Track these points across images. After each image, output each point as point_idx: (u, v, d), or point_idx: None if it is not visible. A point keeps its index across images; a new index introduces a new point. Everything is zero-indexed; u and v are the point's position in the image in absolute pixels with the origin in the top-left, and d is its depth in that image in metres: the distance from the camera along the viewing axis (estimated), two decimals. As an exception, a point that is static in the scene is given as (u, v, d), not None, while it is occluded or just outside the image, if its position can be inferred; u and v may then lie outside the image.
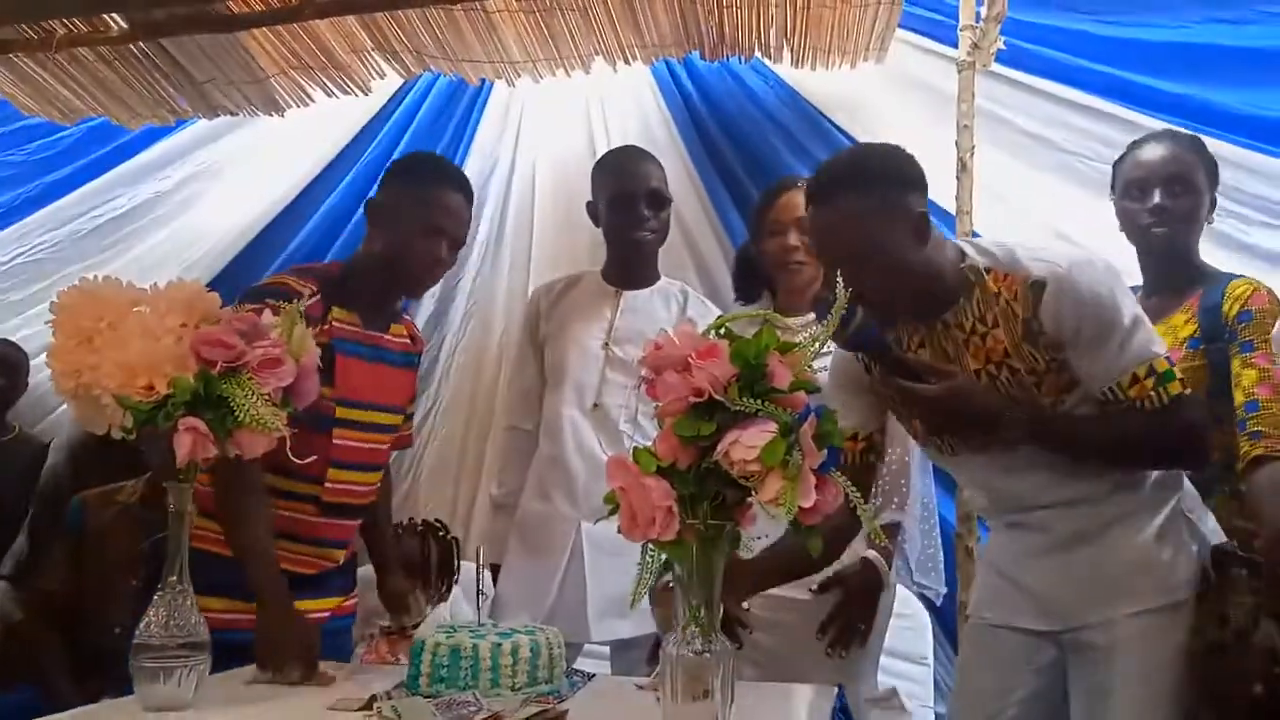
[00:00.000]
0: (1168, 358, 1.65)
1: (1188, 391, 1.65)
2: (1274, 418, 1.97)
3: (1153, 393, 1.61)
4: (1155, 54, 2.91)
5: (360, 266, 2.17)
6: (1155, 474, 1.72)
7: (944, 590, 2.71)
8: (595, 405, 2.51)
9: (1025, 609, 1.79)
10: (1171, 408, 1.61)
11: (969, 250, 1.73)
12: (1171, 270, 2.22)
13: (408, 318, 2.38)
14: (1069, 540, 1.72)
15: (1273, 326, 2.04)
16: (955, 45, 2.82)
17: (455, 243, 2.17)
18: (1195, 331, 2.12)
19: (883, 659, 2.33)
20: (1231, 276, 2.18)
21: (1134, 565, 1.68)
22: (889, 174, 1.68)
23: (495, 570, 2.54)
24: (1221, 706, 1.65)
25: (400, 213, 2.11)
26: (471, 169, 3.70)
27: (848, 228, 1.64)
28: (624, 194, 2.54)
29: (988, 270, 1.69)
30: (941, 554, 2.68)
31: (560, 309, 2.64)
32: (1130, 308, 1.65)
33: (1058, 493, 1.71)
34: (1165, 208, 2.17)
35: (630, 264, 2.61)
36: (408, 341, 2.25)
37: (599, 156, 2.70)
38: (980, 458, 1.74)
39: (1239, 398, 2.02)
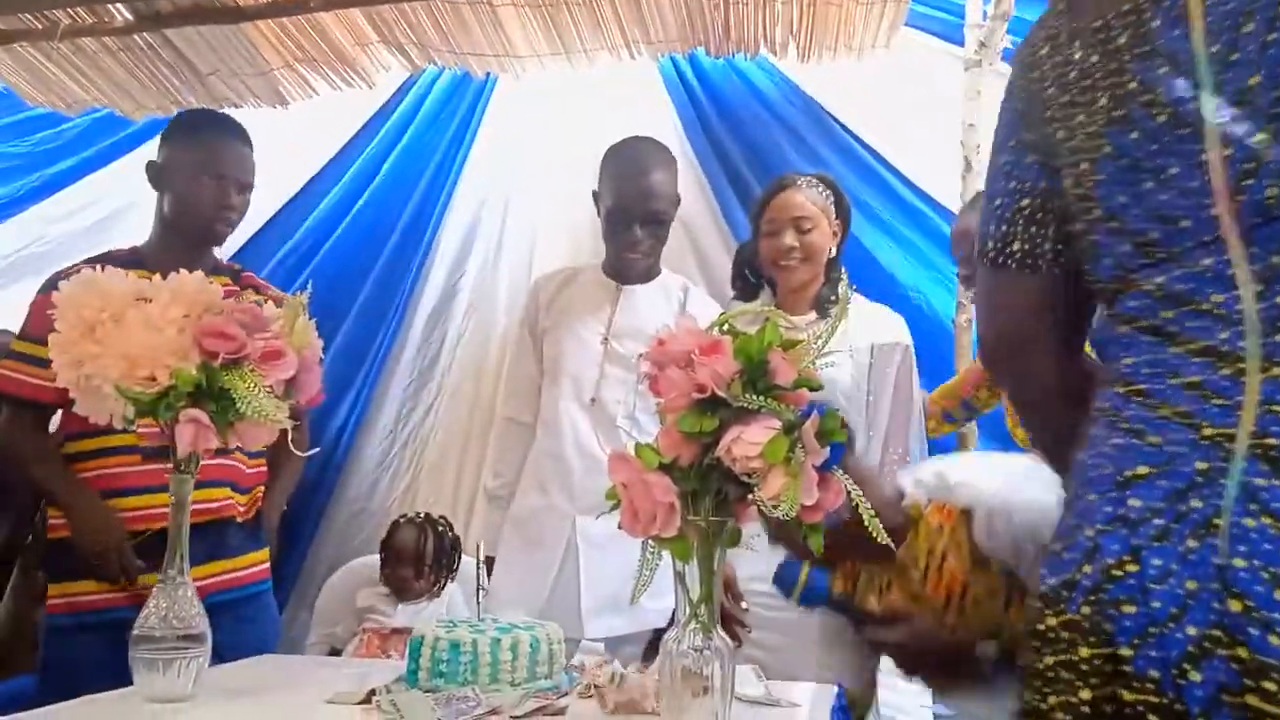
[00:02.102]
0: None
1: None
2: None
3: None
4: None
5: (156, 233, 2.33)
6: None
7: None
8: (593, 400, 2.49)
9: None
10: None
11: (905, 487, 1.67)
12: None
13: (234, 264, 2.49)
14: None
15: None
16: (962, 43, 2.81)
17: (241, 186, 2.30)
18: None
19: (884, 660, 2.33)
20: None
21: None
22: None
23: (491, 563, 2.53)
24: None
25: (182, 167, 2.27)
26: (475, 162, 3.71)
27: None
28: (622, 208, 2.49)
29: (927, 504, 1.63)
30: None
31: (560, 301, 2.62)
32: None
33: None
34: None
35: (624, 268, 2.59)
36: (234, 288, 2.25)
37: (613, 144, 2.62)
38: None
39: None
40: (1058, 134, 1.11)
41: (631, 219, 2.49)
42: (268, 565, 2.32)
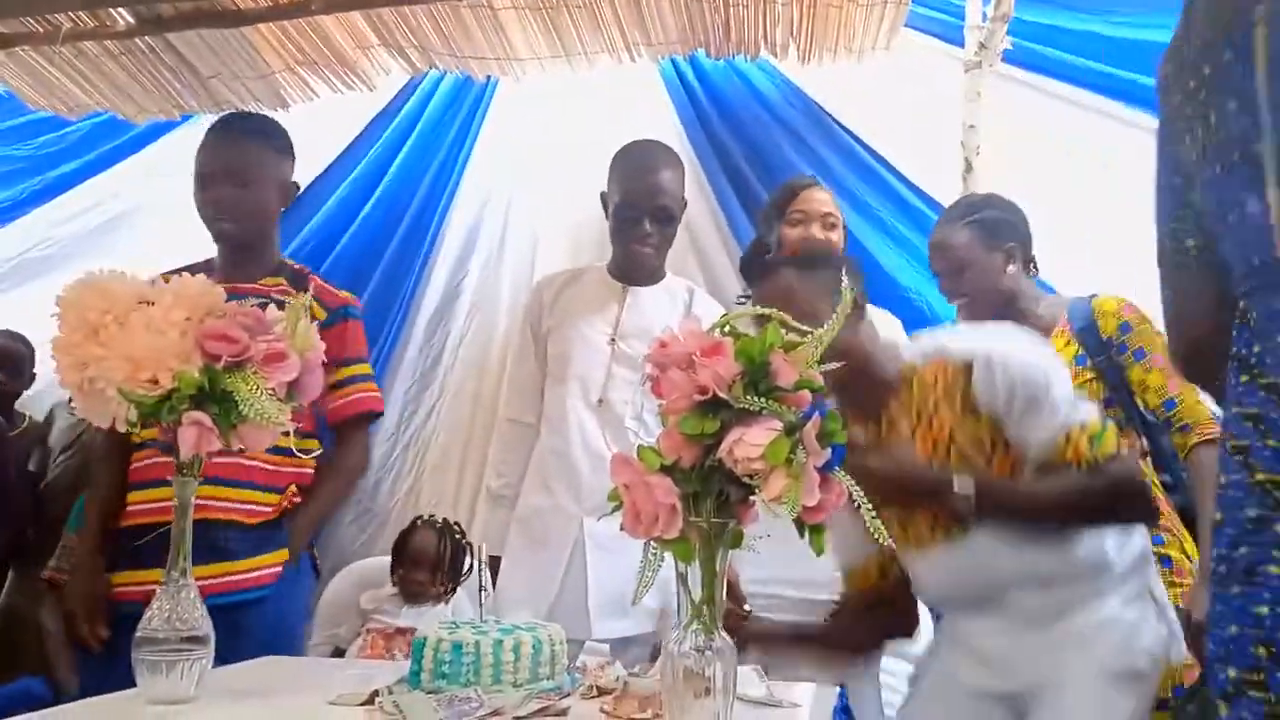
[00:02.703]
0: (1101, 419, 1.69)
1: (1123, 450, 1.69)
2: (1192, 406, 2.09)
3: (1087, 452, 1.64)
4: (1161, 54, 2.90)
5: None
6: (1124, 556, 1.73)
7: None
8: (600, 401, 2.50)
9: (974, 666, 1.79)
10: (1104, 465, 1.64)
11: (902, 351, 1.82)
12: None
13: (300, 266, 2.49)
14: (1030, 616, 1.73)
15: (1152, 330, 2.14)
16: (962, 45, 2.82)
17: (236, 180, 2.30)
18: (1079, 350, 2.22)
19: (883, 659, 2.33)
20: (1083, 297, 2.28)
21: (1094, 624, 1.69)
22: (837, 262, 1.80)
23: (495, 562, 2.54)
24: None
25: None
26: (477, 164, 3.71)
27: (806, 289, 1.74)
28: (631, 204, 2.52)
29: (924, 363, 1.76)
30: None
31: (564, 301, 2.62)
32: (1056, 376, 1.69)
33: (1022, 570, 1.71)
34: None
35: (632, 268, 2.60)
36: (286, 288, 2.26)
37: (624, 145, 2.64)
38: (945, 551, 1.75)
39: (1153, 400, 2.13)
40: (1189, 148, 1.11)
41: (640, 213, 2.50)
42: (277, 570, 2.19)
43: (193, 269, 2.05)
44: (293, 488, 2.26)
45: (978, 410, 1.68)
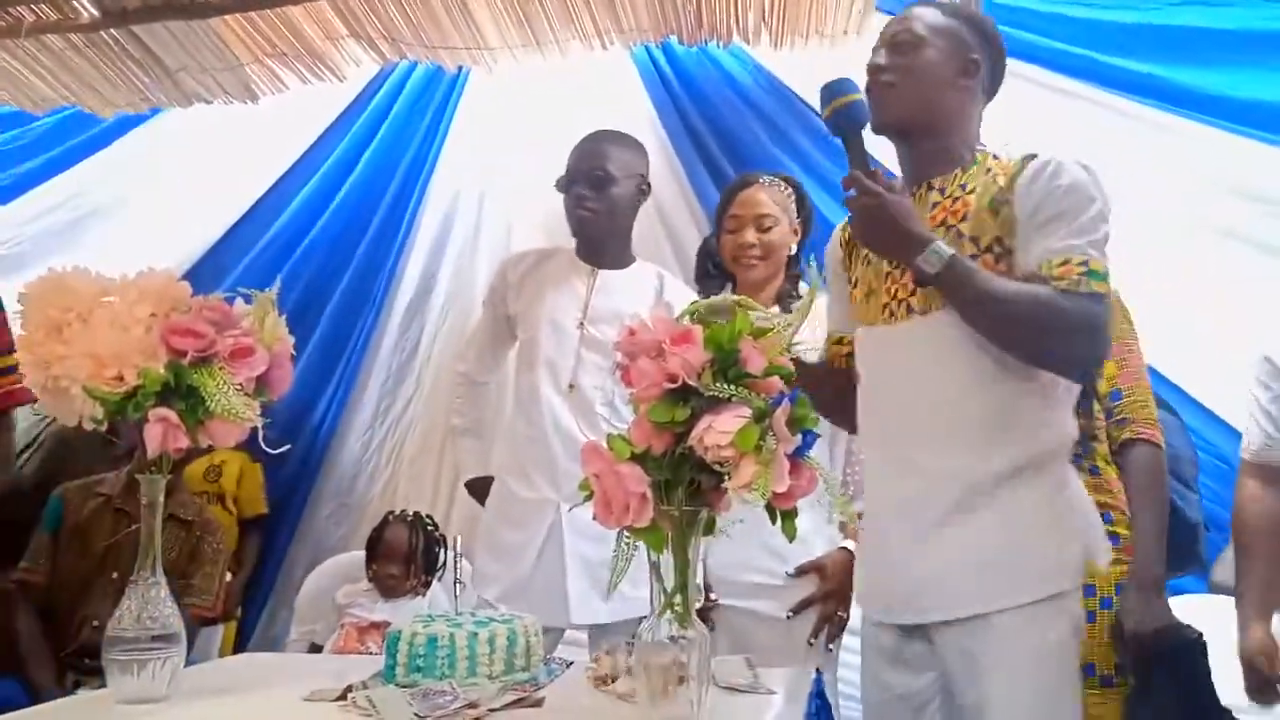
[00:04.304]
0: (1106, 270, 1.60)
1: (1109, 298, 1.61)
2: (1135, 404, 2.11)
3: (1077, 277, 1.56)
4: (1129, 36, 2.91)
5: None
6: (1041, 444, 1.65)
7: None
8: (571, 386, 2.49)
9: (895, 599, 1.71)
10: (1087, 296, 1.56)
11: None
12: None
13: None
14: (943, 514, 1.63)
15: (1124, 319, 2.15)
16: (932, 28, 2.81)
17: None
18: None
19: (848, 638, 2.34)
20: None
21: (1011, 551, 1.61)
22: (984, 28, 1.81)
23: (479, 487, 2.63)
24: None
25: None
26: (450, 155, 3.69)
27: (926, 30, 1.75)
28: (569, 173, 2.54)
29: (996, 157, 1.74)
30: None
31: (531, 282, 2.61)
32: (1097, 214, 1.61)
33: (948, 388, 1.65)
34: None
35: (590, 243, 2.59)
36: None
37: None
38: (895, 331, 1.71)
39: (1103, 387, 2.14)
40: None
41: (575, 179, 2.52)
42: None
43: None
44: None
45: (998, 208, 1.65)
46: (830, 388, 1.82)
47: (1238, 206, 2.82)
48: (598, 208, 2.52)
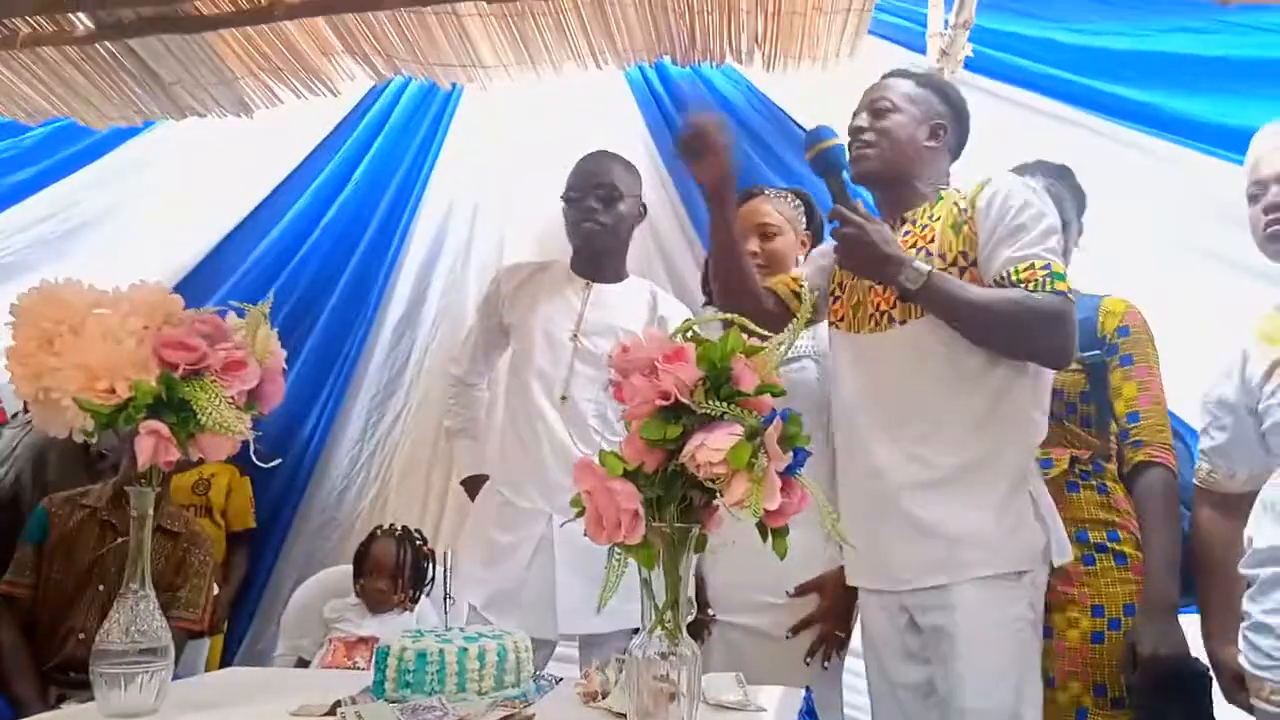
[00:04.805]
0: (1064, 271, 1.84)
1: (1071, 298, 1.83)
2: (1153, 427, 2.14)
3: (1041, 279, 1.80)
4: (1120, 62, 2.94)
5: None
6: (1008, 440, 1.88)
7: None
8: (564, 398, 2.50)
9: (871, 569, 1.96)
10: (1052, 293, 1.80)
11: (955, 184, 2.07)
12: None
13: None
14: (917, 495, 1.87)
15: (1148, 343, 2.19)
16: (924, 52, 2.84)
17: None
18: None
19: (851, 660, 2.34)
20: (1098, 296, 2.28)
21: (970, 534, 1.84)
22: (951, 97, 2.08)
23: (473, 486, 2.69)
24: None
25: None
26: (442, 171, 3.70)
27: (901, 99, 2.04)
28: (574, 190, 2.59)
29: (957, 190, 2.00)
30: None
31: (526, 293, 2.64)
32: (1049, 226, 1.87)
33: (924, 382, 1.89)
34: None
35: (589, 257, 2.61)
36: None
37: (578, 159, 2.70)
38: (877, 339, 1.95)
39: (1121, 408, 2.16)
40: None
41: (585, 192, 2.57)
42: None
43: None
44: None
45: (960, 226, 1.91)
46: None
47: (1225, 231, 2.84)
48: (606, 221, 2.57)
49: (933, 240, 1.93)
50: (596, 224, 2.57)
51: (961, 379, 1.88)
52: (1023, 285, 1.81)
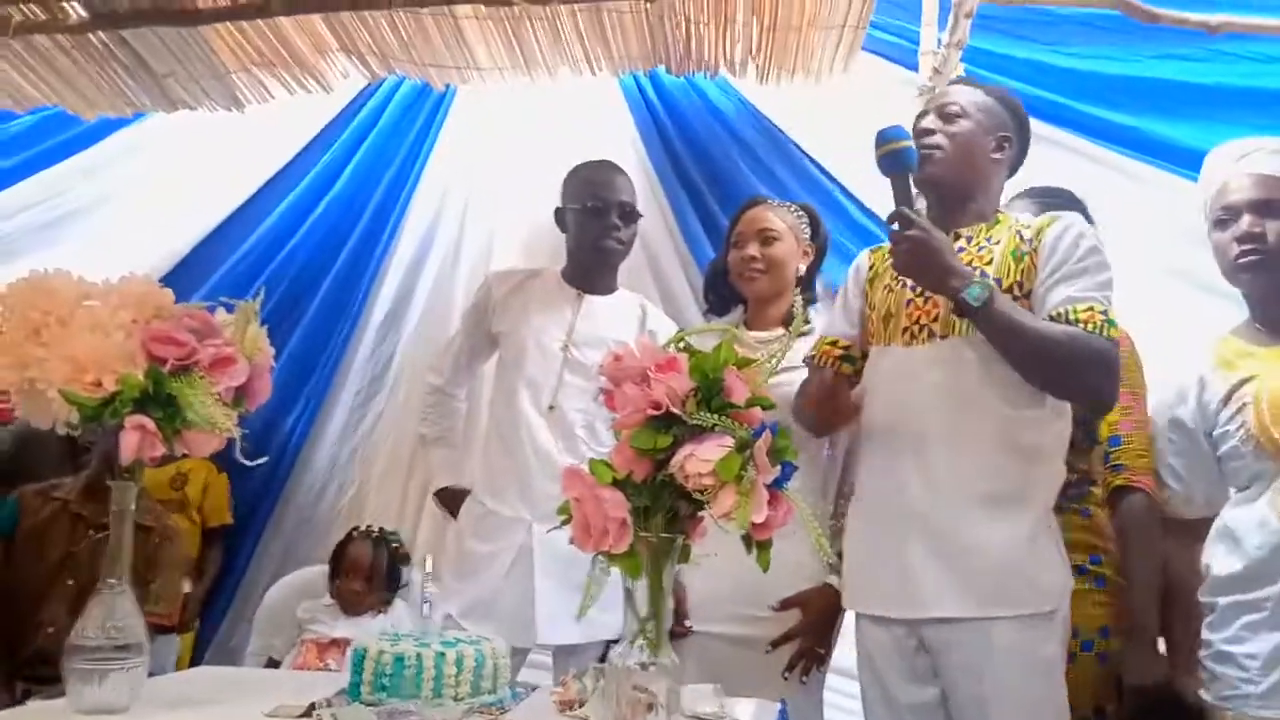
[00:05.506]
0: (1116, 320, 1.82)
1: (1121, 344, 1.83)
2: (1134, 452, 2.13)
3: (1100, 323, 1.78)
4: (1109, 87, 2.97)
5: None
6: (1038, 473, 1.84)
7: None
8: (551, 407, 2.49)
9: (886, 593, 1.88)
10: (1107, 339, 1.78)
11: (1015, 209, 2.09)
12: None
13: None
14: (949, 523, 1.81)
15: (1135, 368, 2.18)
16: (916, 69, 2.85)
17: None
18: None
19: (837, 679, 2.34)
20: None
21: (1005, 567, 1.78)
22: (1018, 112, 2.04)
23: (447, 497, 2.63)
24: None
25: None
26: (433, 171, 3.70)
27: (971, 105, 1.98)
28: (598, 203, 2.55)
29: (1017, 218, 1.97)
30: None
31: (516, 301, 2.62)
32: (1109, 277, 1.85)
33: (960, 438, 1.83)
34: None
35: (593, 271, 2.61)
36: None
37: (573, 166, 2.68)
38: (912, 354, 1.90)
39: (1104, 431, 2.16)
40: None
41: (608, 208, 2.55)
42: None
43: None
44: None
45: (1021, 256, 1.87)
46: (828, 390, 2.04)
47: (1207, 255, 2.86)
48: (627, 240, 2.60)
49: (990, 263, 1.89)
50: (619, 242, 2.57)
51: (1003, 403, 1.83)
52: (1081, 325, 1.77)
